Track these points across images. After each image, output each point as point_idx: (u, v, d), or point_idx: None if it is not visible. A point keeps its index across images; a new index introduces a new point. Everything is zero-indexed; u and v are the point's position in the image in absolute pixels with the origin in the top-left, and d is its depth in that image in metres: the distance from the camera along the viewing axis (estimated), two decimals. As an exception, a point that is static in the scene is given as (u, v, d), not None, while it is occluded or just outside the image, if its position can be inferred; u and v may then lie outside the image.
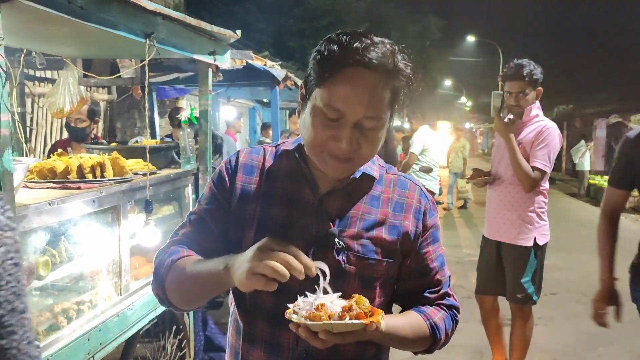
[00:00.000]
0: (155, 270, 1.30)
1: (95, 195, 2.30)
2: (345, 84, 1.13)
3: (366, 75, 1.13)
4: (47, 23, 2.13)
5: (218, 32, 3.02)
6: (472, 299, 5.86)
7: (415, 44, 21.15)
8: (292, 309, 1.10)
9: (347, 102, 1.14)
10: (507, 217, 3.50)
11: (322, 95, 1.15)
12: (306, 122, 1.21)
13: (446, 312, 1.39)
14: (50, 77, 4.84)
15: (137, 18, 2.33)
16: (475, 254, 7.83)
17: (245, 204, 1.30)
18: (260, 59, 5.76)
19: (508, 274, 3.57)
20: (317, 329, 1.06)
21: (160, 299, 1.31)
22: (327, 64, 1.15)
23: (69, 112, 3.48)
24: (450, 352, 4.36)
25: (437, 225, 1.39)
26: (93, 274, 2.53)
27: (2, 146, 1.60)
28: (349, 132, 1.15)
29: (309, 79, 1.21)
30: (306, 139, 1.22)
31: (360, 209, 1.30)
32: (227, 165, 1.36)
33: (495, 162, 3.66)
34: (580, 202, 14.18)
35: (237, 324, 1.36)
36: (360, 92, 1.14)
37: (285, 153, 1.34)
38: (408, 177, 1.40)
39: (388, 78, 1.16)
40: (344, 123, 1.15)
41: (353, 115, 1.14)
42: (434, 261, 1.37)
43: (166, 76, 4.94)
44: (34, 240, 2.09)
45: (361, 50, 1.12)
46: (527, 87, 3.40)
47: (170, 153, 3.38)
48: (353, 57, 1.12)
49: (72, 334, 2.15)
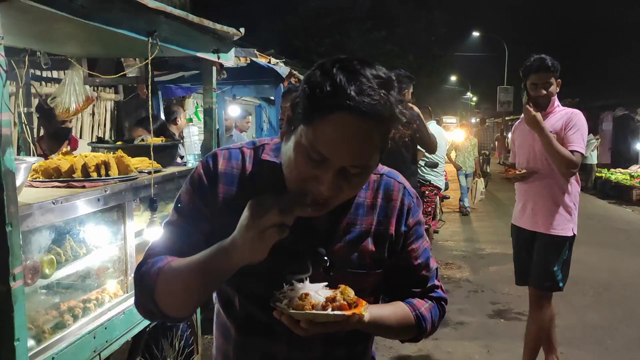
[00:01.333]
0: (140, 283, 1.20)
1: (100, 194, 2.31)
2: (334, 129, 1.04)
3: (358, 122, 1.03)
4: (49, 22, 2.14)
5: (221, 29, 3.02)
6: (480, 293, 5.88)
7: (420, 40, 21.09)
8: (279, 296, 1.12)
9: (334, 149, 1.05)
10: (546, 208, 3.52)
11: (307, 135, 1.07)
12: (289, 154, 1.13)
13: (433, 302, 1.39)
14: (56, 77, 4.86)
15: (139, 16, 2.33)
16: (482, 248, 7.91)
17: (227, 219, 1.14)
18: (265, 57, 5.77)
19: (539, 261, 3.57)
20: (299, 318, 1.07)
21: (149, 313, 1.21)
22: (316, 103, 1.05)
23: (75, 112, 3.50)
24: (458, 346, 4.36)
25: (420, 221, 1.36)
26: (99, 272, 2.54)
27: (4, 145, 1.60)
28: (331, 178, 1.08)
29: (296, 108, 1.11)
30: (288, 170, 1.15)
31: (345, 220, 1.27)
32: (206, 170, 1.26)
33: (522, 158, 3.66)
34: (587, 196, 14.09)
35: (224, 328, 1.35)
36: (349, 140, 1.05)
37: (267, 164, 1.26)
38: (391, 174, 1.35)
39: (381, 125, 1.07)
40: (327, 167, 1.07)
41: (338, 162, 1.07)
42: (419, 258, 1.36)
43: (171, 75, 4.96)
44: (39, 239, 2.10)
45: (356, 96, 1.02)
46: (552, 77, 3.47)
47: (175, 151, 3.39)
48: (346, 103, 1.02)
49: (78, 331, 2.17)
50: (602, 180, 14.15)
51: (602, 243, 8.24)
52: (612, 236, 8.78)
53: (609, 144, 18.10)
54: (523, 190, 3.69)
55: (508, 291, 5.81)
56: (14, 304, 1.66)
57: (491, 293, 5.80)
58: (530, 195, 3.61)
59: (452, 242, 8.31)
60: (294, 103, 1.12)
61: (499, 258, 7.31)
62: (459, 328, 4.75)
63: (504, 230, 9.20)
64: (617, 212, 11.38)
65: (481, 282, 6.23)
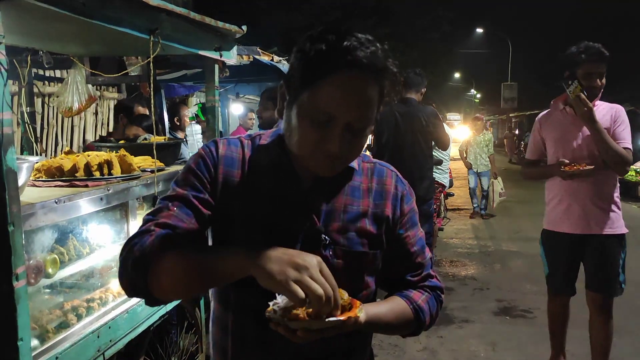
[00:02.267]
0: (134, 255, 1.14)
1: (102, 193, 2.31)
2: (336, 87, 1.10)
3: (356, 76, 1.10)
4: (51, 21, 2.13)
5: (223, 27, 3.01)
6: (484, 290, 5.86)
7: (425, 37, 21.05)
8: (272, 307, 1.10)
9: (339, 105, 1.11)
10: (600, 207, 3.29)
11: (310, 98, 1.12)
12: (293, 123, 1.17)
13: (430, 293, 1.39)
14: (59, 77, 4.87)
15: (140, 14, 2.32)
16: (488, 246, 7.88)
17: (228, 199, 1.24)
18: (268, 55, 5.75)
19: (599, 266, 3.34)
20: (294, 327, 1.07)
21: (133, 288, 1.16)
22: (314, 66, 1.11)
23: (78, 111, 3.50)
24: (463, 343, 4.34)
25: (414, 209, 1.39)
26: (102, 272, 2.54)
27: (6, 145, 1.59)
28: (340, 134, 1.13)
29: (292, 80, 1.16)
30: (294, 140, 1.18)
31: (342, 201, 1.30)
32: (209, 154, 1.28)
33: (564, 153, 3.32)
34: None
35: (220, 321, 1.34)
36: (351, 94, 1.11)
37: (265, 147, 1.31)
38: (384, 164, 1.40)
39: (377, 78, 1.13)
40: (334, 125, 1.13)
41: (344, 117, 1.12)
42: (414, 245, 1.38)
43: (173, 73, 4.95)
44: (42, 239, 2.10)
45: (351, 51, 1.09)
46: (605, 67, 3.26)
47: (178, 150, 3.38)
48: (343, 59, 1.09)
49: (81, 331, 2.16)
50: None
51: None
52: (618, 233, 8.72)
53: (615, 139, 18.01)
54: (567, 191, 3.35)
55: (513, 289, 5.79)
56: (17, 304, 1.65)
57: (497, 290, 5.78)
58: (578, 196, 3.30)
59: (457, 240, 8.29)
60: (289, 76, 1.19)
61: (505, 255, 7.29)
62: (464, 326, 4.73)
63: (510, 227, 9.23)
64: (623, 208, 11.31)
65: (486, 279, 6.20)
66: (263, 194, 1.27)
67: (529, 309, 5.17)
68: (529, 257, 7.11)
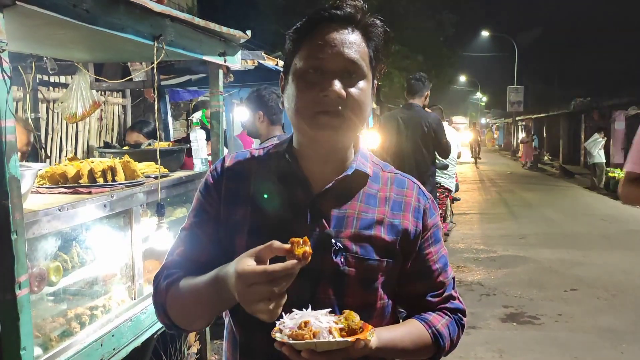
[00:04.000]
0: (154, 298, 1.28)
1: (106, 200, 2.30)
2: (320, 38, 1.18)
3: (338, 27, 1.19)
4: (55, 28, 2.12)
5: (227, 32, 3.00)
6: (491, 296, 5.83)
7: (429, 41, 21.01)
8: (278, 326, 1.06)
9: (326, 54, 1.17)
10: None
11: (300, 57, 1.20)
12: (291, 91, 1.22)
13: (450, 317, 1.33)
14: (64, 82, 4.86)
15: (144, 20, 2.31)
16: (494, 251, 7.83)
17: (234, 209, 1.26)
18: (272, 59, 5.74)
19: None
20: (300, 348, 1.02)
21: (167, 325, 1.28)
22: (300, 31, 1.21)
23: (82, 117, 3.49)
24: (470, 350, 4.31)
25: (438, 224, 1.34)
26: (106, 279, 2.52)
27: (9, 152, 1.58)
28: (332, 80, 1.16)
29: (286, 60, 1.25)
30: (294, 106, 1.21)
31: (356, 207, 1.25)
32: (213, 172, 1.32)
33: None
34: (599, 196, 13.99)
35: (232, 336, 1.32)
36: (335, 41, 1.18)
37: (274, 155, 1.31)
38: (405, 175, 1.36)
39: (360, 30, 1.21)
40: (326, 75, 1.17)
41: (334, 63, 1.17)
42: (436, 262, 1.32)
43: (178, 78, 4.95)
44: (45, 246, 2.08)
45: (329, 9, 1.19)
46: None
47: (182, 155, 3.37)
48: (322, 15, 1.19)
49: (85, 339, 2.15)
50: (615, 180, 13.99)
51: (615, 244, 8.15)
52: (626, 237, 8.68)
53: (622, 143, 17.91)
54: None
55: (520, 294, 5.75)
56: (20, 313, 1.64)
57: (503, 296, 5.74)
58: None
59: (462, 245, 8.25)
60: (284, 64, 1.27)
61: (511, 260, 7.25)
62: (470, 332, 4.69)
63: (516, 232, 9.18)
64: (631, 212, 11.26)
65: (493, 285, 6.17)
66: (272, 200, 1.25)
67: (536, 315, 5.13)
68: (535, 263, 7.08)
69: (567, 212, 11.34)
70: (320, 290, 1.20)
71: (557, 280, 6.32)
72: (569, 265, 6.98)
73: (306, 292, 1.11)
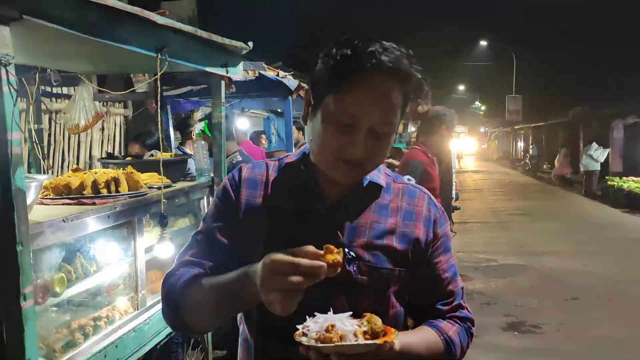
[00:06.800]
0: (166, 296, 1.26)
1: (110, 211, 2.31)
2: (361, 89, 1.13)
3: (381, 80, 1.13)
4: (60, 40, 2.14)
5: (230, 44, 3.02)
6: (492, 305, 5.82)
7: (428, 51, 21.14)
8: (301, 330, 1.05)
9: (363, 108, 1.13)
10: None
11: (335, 101, 1.14)
12: (317, 128, 1.19)
13: (460, 325, 1.34)
14: (67, 94, 4.89)
15: (148, 33, 2.33)
16: (494, 260, 7.82)
17: (251, 218, 1.27)
18: (273, 70, 5.77)
19: None
20: (328, 352, 1.01)
21: (175, 325, 1.27)
22: (340, 69, 1.13)
23: (85, 128, 3.51)
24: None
25: (447, 234, 1.35)
26: (109, 290, 2.53)
27: (14, 164, 1.60)
28: (363, 138, 1.14)
29: (318, 84, 1.19)
30: (318, 144, 1.20)
31: (369, 218, 1.27)
32: (231, 180, 1.33)
33: None
34: (599, 204, 13.99)
35: (247, 343, 1.32)
36: (375, 97, 1.14)
37: (289, 166, 1.33)
38: (416, 185, 1.38)
39: (401, 82, 1.16)
40: (358, 129, 1.14)
41: (368, 121, 1.14)
42: (446, 271, 1.33)
43: (180, 89, 4.97)
44: (49, 257, 2.09)
45: (376, 55, 1.12)
46: None
47: (185, 166, 3.39)
48: (368, 62, 1.11)
49: (89, 350, 2.15)
50: (615, 188, 14.01)
51: (615, 253, 8.15)
52: (626, 246, 8.68)
53: (621, 151, 17.95)
54: None
55: (521, 303, 5.74)
56: (25, 324, 1.65)
57: (504, 305, 5.73)
58: None
59: (463, 254, 8.24)
60: (314, 81, 1.21)
61: (512, 269, 7.24)
62: (472, 341, 4.68)
63: (516, 241, 9.18)
64: (631, 220, 11.26)
65: (494, 294, 6.16)
66: (287, 210, 1.27)
67: (537, 324, 5.12)
68: (535, 272, 7.07)
69: (567, 221, 11.34)
70: (334, 297, 1.20)
71: (558, 289, 6.32)
72: (569, 274, 6.97)
73: (319, 300, 1.12)
